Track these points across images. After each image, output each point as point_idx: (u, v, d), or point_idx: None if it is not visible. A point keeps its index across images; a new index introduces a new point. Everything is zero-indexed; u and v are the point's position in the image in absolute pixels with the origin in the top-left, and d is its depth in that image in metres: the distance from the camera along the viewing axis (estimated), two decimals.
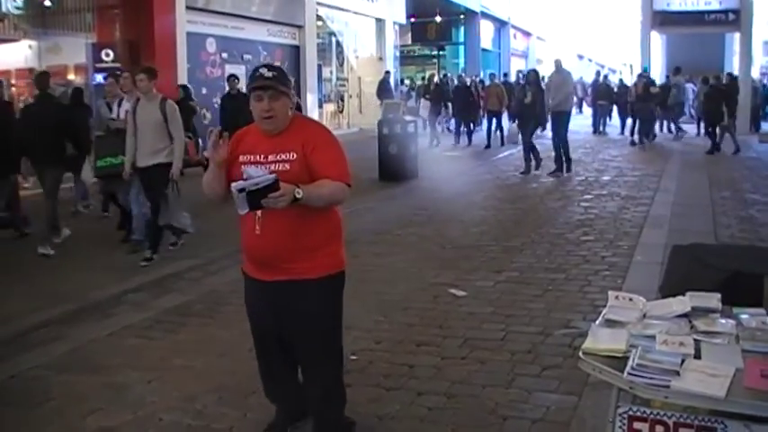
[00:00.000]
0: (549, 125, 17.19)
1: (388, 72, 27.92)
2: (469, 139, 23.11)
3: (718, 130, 20.67)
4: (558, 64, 17.83)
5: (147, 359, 5.92)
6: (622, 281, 7.60)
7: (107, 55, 17.65)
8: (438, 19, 36.20)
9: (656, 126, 24.41)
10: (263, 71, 3.98)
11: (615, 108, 27.12)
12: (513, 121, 21.16)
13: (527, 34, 46.46)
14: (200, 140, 13.12)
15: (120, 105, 10.15)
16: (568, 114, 16.83)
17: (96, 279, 8.20)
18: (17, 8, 17.54)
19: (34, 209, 10.33)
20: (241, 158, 4.02)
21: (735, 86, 22.61)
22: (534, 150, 16.57)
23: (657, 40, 33.76)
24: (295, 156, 3.93)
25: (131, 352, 6.10)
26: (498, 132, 22.97)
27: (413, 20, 35.01)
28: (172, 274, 8.48)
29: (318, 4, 25.15)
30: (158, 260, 8.86)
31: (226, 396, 5.14)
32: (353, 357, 5.42)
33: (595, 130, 26.54)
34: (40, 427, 4.78)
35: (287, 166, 3.91)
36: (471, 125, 23.84)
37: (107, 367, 5.74)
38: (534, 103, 16.25)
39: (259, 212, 3.84)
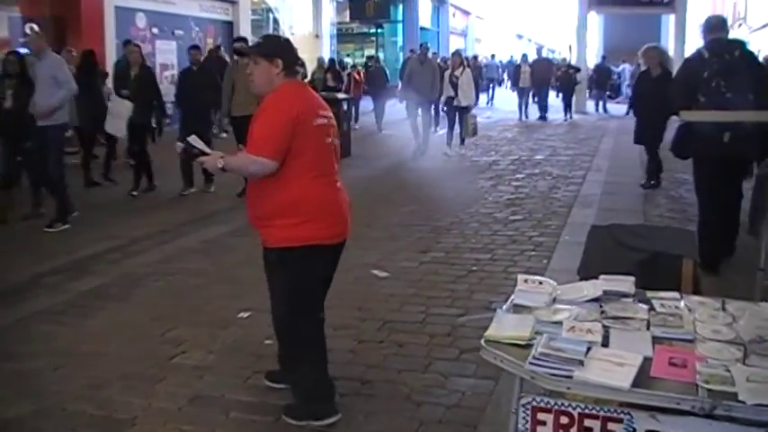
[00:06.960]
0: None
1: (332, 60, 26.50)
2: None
3: None
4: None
5: (56, 345, 5.70)
6: (548, 261, 7.55)
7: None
8: None
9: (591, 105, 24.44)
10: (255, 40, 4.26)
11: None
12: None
13: (466, 13, 46.43)
14: None
15: None
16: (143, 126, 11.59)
17: (12, 261, 7.95)
18: None
19: None
20: None
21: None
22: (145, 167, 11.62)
23: (595, 20, 33.98)
24: None
25: (41, 338, 5.87)
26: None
27: None
28: (90, 255, 8.23)
29: None
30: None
31: (132, 383, 4.96)
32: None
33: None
34: None
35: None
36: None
37: (15, 354, 5.51)
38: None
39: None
